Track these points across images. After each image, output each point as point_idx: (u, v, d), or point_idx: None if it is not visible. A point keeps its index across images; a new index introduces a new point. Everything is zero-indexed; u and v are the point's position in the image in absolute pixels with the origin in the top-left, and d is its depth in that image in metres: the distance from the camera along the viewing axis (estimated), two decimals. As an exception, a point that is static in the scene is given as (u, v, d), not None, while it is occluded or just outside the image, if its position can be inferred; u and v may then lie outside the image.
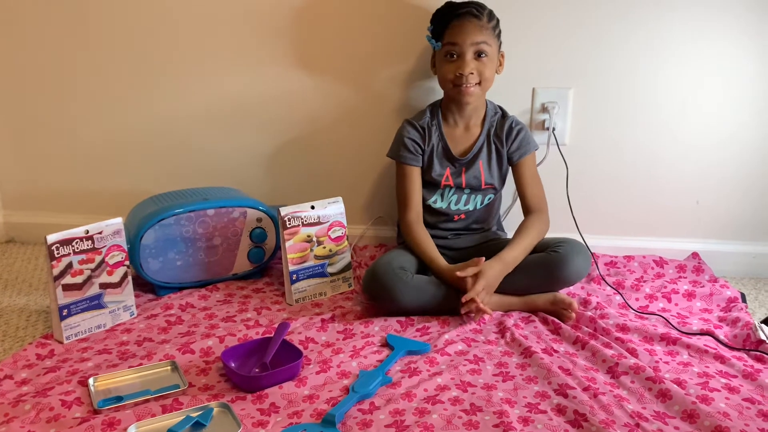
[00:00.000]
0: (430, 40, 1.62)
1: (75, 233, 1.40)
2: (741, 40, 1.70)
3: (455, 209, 1.67)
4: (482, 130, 1.66)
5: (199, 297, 1.62)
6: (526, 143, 1.66)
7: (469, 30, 1.55)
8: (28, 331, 1.49)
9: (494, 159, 1.66)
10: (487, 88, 1.61)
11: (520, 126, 1.66)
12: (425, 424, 1.12)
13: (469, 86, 1.57)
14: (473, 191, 1.67)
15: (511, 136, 1.65)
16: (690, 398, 1.18)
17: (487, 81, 1.59)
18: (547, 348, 1.39)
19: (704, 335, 1.43)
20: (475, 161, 1.65)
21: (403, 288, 1.48)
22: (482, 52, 1.56)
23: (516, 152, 1.65)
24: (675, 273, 1.74)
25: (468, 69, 1.55)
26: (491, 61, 1.58)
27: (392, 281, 1.48)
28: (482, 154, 1.65)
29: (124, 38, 1.86)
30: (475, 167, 1.65)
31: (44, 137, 1.97)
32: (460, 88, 1.58)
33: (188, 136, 1.92)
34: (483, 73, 1.57)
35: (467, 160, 1.65)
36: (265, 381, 1.23)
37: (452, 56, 1.57)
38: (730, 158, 1.78)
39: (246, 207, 1.67)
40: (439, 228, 1.69)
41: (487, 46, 1.56)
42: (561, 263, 1.51)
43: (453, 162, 1.65)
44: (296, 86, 1.85)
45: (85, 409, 1.17)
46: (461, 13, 1.57)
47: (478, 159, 1.65)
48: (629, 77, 1.75)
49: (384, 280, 1.49)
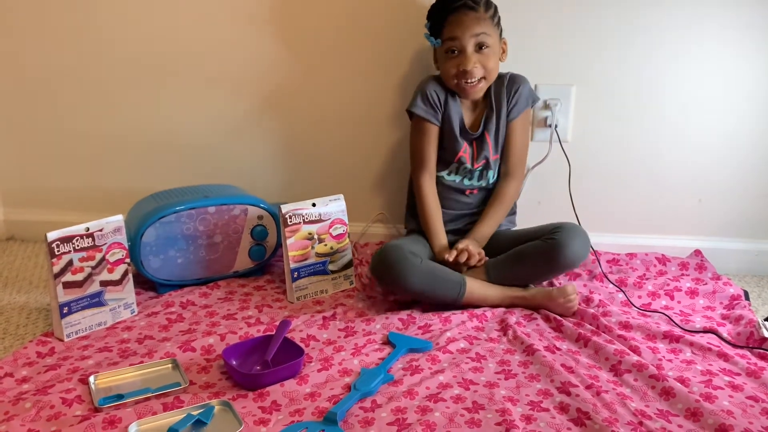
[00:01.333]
0: (429, 38, 1.60)
1: (75, 231, 1.39)
2: (743, 39, 1.69)
3: (468, 184, 1.66)
4: (487, 102, 1.64)
5: (200, 294, 1.61)
6: (523, 99, 1.64)
7: (467, 23, 1.53)
8: (28, 329, 1.49)
9: (501, 128, 1.64)
10: (492, 79, 1.60)
11: (518, 83, 1.63)
12: (427, 422, 1.12)
13: (473, 83, 1.56)
14: (485, 168, 1.65)
15: (511, 94, 1.63)
16: (693, 396, 1.17)
17: (491, 73, 1.58)
18: (549, 346, 1.38)
19: (707, 333, 1.42)
20: (483, 134, 1.64)
21: (411, 270, 1.46)
22: (483, 44, 1.54)
23: (513, 110, 1.64)
24: (677, 270, 1.73)
25: (470, 64, 1.54)
26: (493, 51, 1.57)
27: (401, 262, 1.46)
28: (490, 126, 1.63)
29: (124, 36, 1.85)
30: (484, 141, 1.64)
31: (45, 134, 1.96)
32: (464, 85, 1.57)
33: (189, 133, 1.91)
34: (486, 66, 1.56)
35: (477, 135, 1.63)
36: (266, 379, 1.22)
37: (453, 52, 1.56)
38: (733, 155, 1.77)
39: (247, 204, 1.66)
40: (453, 201, 1.67)
41: (487, 36, 1.54)
42: (559, 249, 1.51)
43: (465, 135, 1.64)
44: (297, 84, 1.85)
45: (86, 407, 1.16)
46: (457, 7, 1.54)
47: (485, 130, 1.63)
48: (631, 74, 1.74)
49: (393, 260, 1.47)
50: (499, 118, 1.64)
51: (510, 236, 1.66)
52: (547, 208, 1.79)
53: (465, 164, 1.64)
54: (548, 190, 1.77)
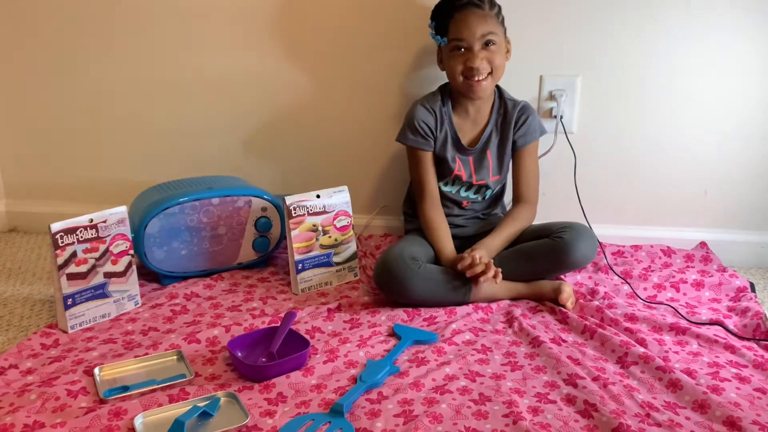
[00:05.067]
0: (435, 37, 1.59)
1: (79, 222, 1.39)
2: (748, 31, 1.68)
3: (465, 195, 1.66)
4: (490, 119, 1.64)
5: (204, 286, 1.61)
6: (532, 131, 1.64)
7: (474, 22, 1.53)
8: (32, 321, 1.48)
9: (505, 148, 1.64)
10: (499, 77, 1.59)
11: (528, 113, 1.64)
12: (434, 413, 1.11)
13: (480, 80, 1.55)
14: (483, 186, 1.66)
15: (519, 122, 1.63)
16: (701, 388, 1.17)
17: (498, 69, 1.57)
18: (555, 338, 1.38)
19: (714, 325, 1.42)
20: (484, 152, 1.64)
21: (414, 278, 1.46)
22: (490, 41, 1.54)
23: (521, 138, 1.64)
24: (683, 262, 1.73)
25: (478, 60, 1.53)
26: (499, 49, 1.56)
27: (403, 272, 1.46)
28: (491, 145, 1.64)
29: (125, 27, 1.84)
30: (484, 158, 1.64)
31: (47, 126, 1.95)
32: (471, 82, 1.55)
33: (193, 125, 1.91)
34: (493, 62, 1.55)
35: (476, 150, 1.64)
36: (272, 370, 1.22)
37: (460, 50, 1.55)
38: (738, 147, 1.76)
39: (251, 196, 1.66)
40: (448, 210, 1.66)
41: (494, 35, 1.54)
42: (566, 249, 1.50)
43: (462, 152, 1.64)
44: (302, 76, 1.84)
45: (91, 398, 1.16)
46: (462, 5, 1.54)
47: (487, 149, 1.64)
48: (637, 65, 1.73)
49: (395, 271, 1.46)
50: (503, 139, 1.64)
51: None
52: (552, 199, 1.78)
53: (461, 179, 1.64)
54: (553, 182, 1.76)
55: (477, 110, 1.64)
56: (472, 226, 1.69)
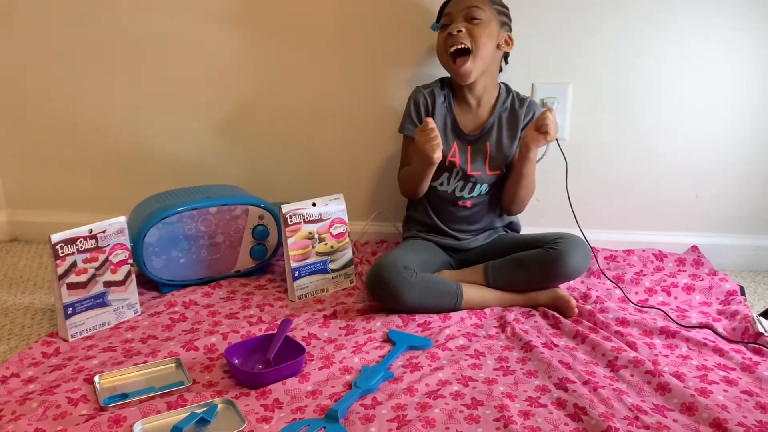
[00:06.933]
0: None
1: (79, 232, 1.41)
2: (739, 35, 1.70)
3: (460, 195, 1.66)
4: (494, 111, 1.64)
5: (202, 294, 1.63)
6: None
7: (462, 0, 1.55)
8: (33, 330, 1.50)
9: (504, 142, 1.64)
10: (484, 60, 1.56)
11: (536, 109, 1.65)
12: (427, 418, 1.13)
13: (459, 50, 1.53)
14: (479, 179, 1.64)
15: (529, 116, 1.64)
16: (689, 391, 1.19)
17: (481, 49, 1.54)
18: (547, 342, 1.40)
19: (703, 328, 1.44)
20: (483, 141, 1.64)
21: (407, 288, 1.47)
22: (474, 17, 1.54)
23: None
24: (674, 266, 1.75)
25: (456, 27, 1.53)
26: (486, 27, 1.54)
27: (395, 282, 1.47)
28: (491, 136, 1.64)
29: (125, 37, 1.87)
30: (482, 146, 1.64)
31: (47, 136, 1.98)
32: (455, 61, 1.56)
33: (190, 134, 1.93)
34: (476, 38, 1.53)
35: (475, 137, 1.64)
36: (268, 377, 1.24)
37: (447, 27, 1.57)
38: (729, 152, 1.79)
39: (248, 204, 1.68)
40: (447, 212, 1.67)
41: (479, 10, 1.54)
42: (560, 260, 1.50)
43: (461, 137, 1.64)
44: (297, 84, 1.86)
45: (92, 406, 1.18)
46: None
47: (486, 139, 1.64)
48: (628, 72, 1.76)
49: (388, 280, 1.47)
50: (507, 133, 1.63)
51: (511, 240, 1.66)
52: (544, 205, 1.81)
53: (456, 168, 1.63)
54: (546, 188, 1.78)
55: (477, 100, 1.64)
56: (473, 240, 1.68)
